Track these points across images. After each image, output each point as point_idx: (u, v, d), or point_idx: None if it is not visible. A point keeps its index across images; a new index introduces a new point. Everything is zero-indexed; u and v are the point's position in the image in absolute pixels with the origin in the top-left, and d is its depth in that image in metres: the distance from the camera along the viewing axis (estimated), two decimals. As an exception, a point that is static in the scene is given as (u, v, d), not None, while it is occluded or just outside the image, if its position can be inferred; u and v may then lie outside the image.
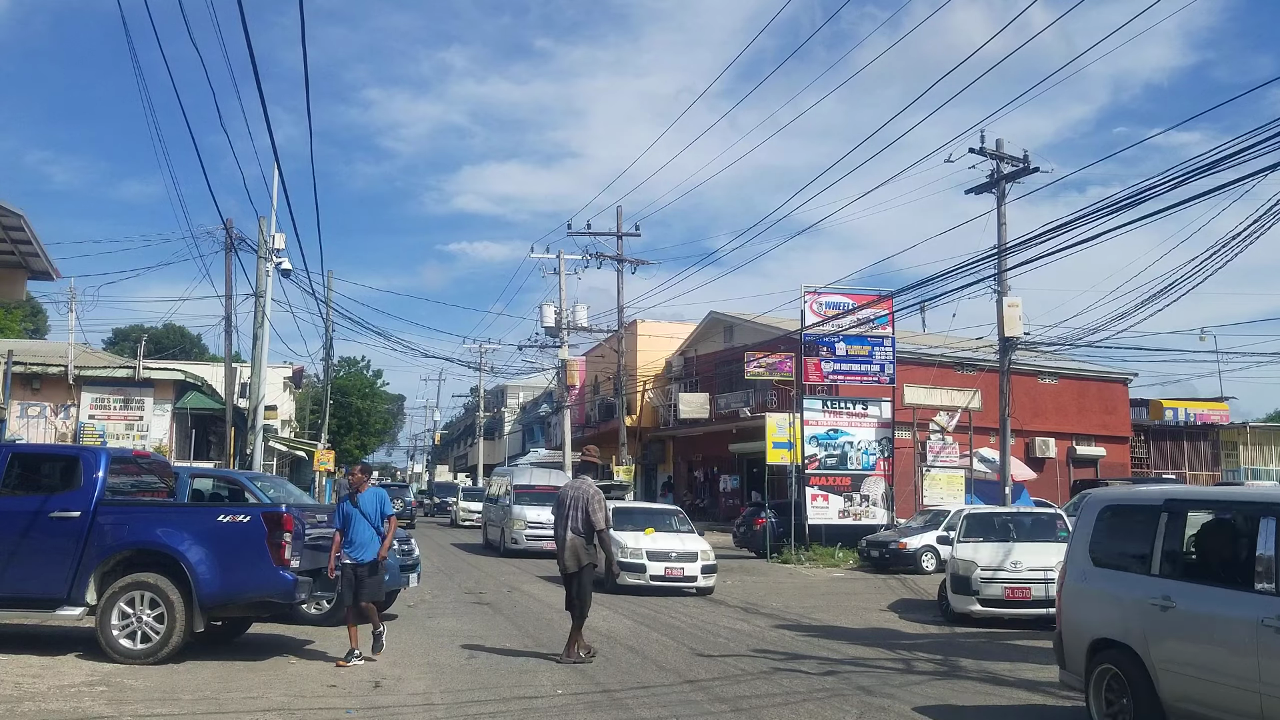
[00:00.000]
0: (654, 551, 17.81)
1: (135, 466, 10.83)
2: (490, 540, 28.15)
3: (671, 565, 17.71)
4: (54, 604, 9.28)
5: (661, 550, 17.87)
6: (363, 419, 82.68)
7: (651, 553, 17.77)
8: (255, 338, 25.37)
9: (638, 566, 17.56)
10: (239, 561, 9.25)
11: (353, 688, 8.59)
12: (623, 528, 18.27)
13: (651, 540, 18.09)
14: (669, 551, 17.89)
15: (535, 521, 24.34)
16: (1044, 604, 13.29)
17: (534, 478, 28.52)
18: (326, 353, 43.30)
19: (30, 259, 16.63)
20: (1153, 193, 13.92)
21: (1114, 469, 39.06)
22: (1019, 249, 18.98)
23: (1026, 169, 23.69)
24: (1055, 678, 9.88)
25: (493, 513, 28.27)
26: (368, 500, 10.19)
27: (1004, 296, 23.39)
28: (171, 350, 49.49)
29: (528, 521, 24.92)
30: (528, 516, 25.00)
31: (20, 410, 28.94)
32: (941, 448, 28.29)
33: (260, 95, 10.16)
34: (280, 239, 24.83)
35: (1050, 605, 12.00)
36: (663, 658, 10.65)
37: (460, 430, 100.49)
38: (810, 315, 27.90)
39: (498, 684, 8.95)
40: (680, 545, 18.18)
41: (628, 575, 17.16)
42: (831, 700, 8.60)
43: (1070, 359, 38.99)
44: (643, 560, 17.66)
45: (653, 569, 17.54)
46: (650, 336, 44.46)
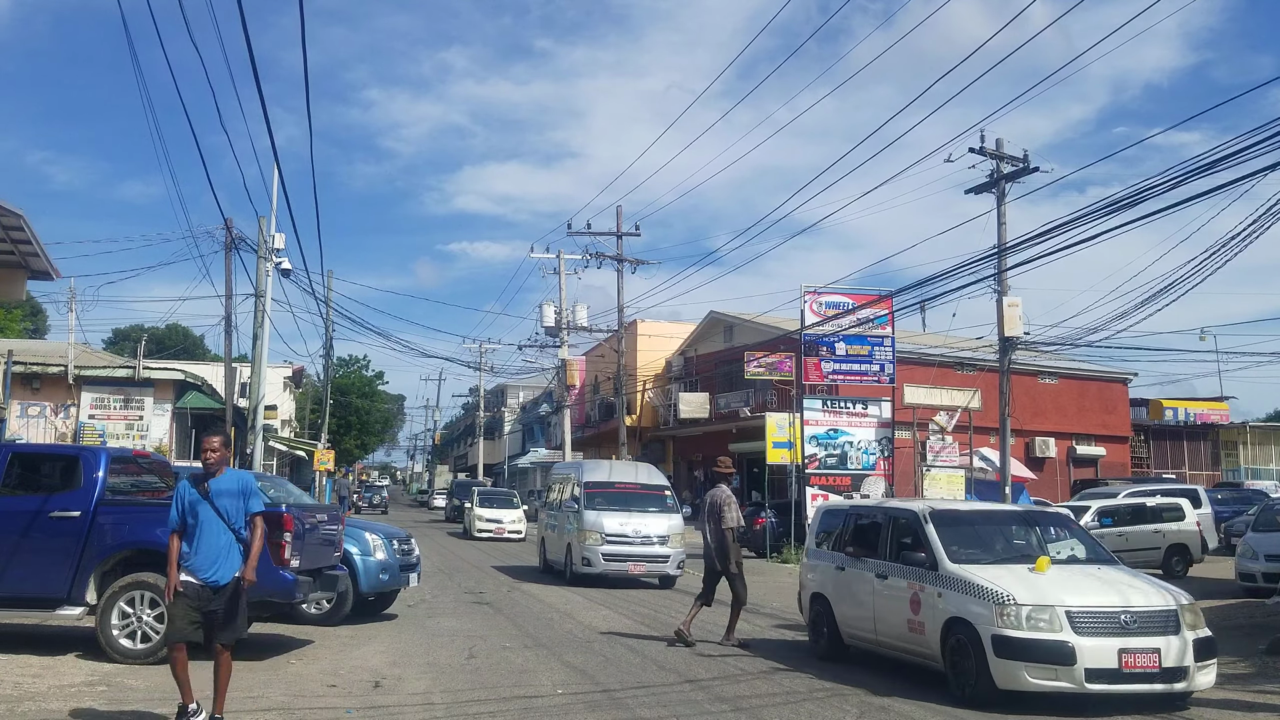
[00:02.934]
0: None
1: (135, 466, 10.82)
2: (550, 561, 20.87)
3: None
4: (54, 604, 9.28)
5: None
6: (362, 419, 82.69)
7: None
8: (255, 337, 25.39)
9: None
10: (239, 561, 9.22)
11: (352, 688, 8.59)
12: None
13: None
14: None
15: (619, 535, 18.42)
16: None
17: (614, 472, 20.98)
18: (326, 352, 43.37)
19: (30, 259, 16.63)
20: (1152, 192, 13.94)
21: (1114, 469, 39.09)
22: (1019, 249, 19.01)
23: (1026, 169, 23.71)
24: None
25: (553, 522, 21.07)
26: (225, 488, 6.93)
27: (1004, 296, 23.41)
28: (173, 350, 49.50)
29: (606, 535, 18.36)
30: (606, 527, 18.43)
31: (20, 410, 28.95)
32: (941, 447, 28.27)
33: (260, 96, 10.18)
34: (280, 239, 24.86)
35: None
36: (663, 657, 10.65)
37: (460, 430, 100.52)
38: (810, 315, 27.91)
39: (498, 683, 8.95)
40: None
41: None
42: (831, 700, 8.60)
43: (1070, 359, 39.04)
44: None
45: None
46: (650, 336, 44.50)
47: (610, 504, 18.98)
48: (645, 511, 18.96)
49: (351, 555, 12.41)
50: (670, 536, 18.73)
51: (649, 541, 18.54)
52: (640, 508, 19.06)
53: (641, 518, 18.72)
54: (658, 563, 18.64)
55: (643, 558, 18.51)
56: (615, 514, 18.65)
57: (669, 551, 18.63)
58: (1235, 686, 9.57)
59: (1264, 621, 13.56)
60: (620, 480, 20.10)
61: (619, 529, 18.42)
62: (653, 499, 19.56)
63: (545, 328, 40.72)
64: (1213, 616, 14.62)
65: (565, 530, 19.69)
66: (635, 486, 19.87)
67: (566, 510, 19.86)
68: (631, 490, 19.68)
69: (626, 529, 18.45)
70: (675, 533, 18.87)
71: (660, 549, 18.57)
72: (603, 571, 18.33)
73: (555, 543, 20.54)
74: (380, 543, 13.06)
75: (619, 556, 18.33)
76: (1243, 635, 12.74)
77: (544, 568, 21.32)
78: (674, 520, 19.08)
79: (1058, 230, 15.90)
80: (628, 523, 18.52)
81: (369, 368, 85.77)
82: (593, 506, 18.89)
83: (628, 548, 18.39)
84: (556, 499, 21.43)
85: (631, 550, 18.42)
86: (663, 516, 19.02)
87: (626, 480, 20.16)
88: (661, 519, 18.92)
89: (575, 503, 19.30)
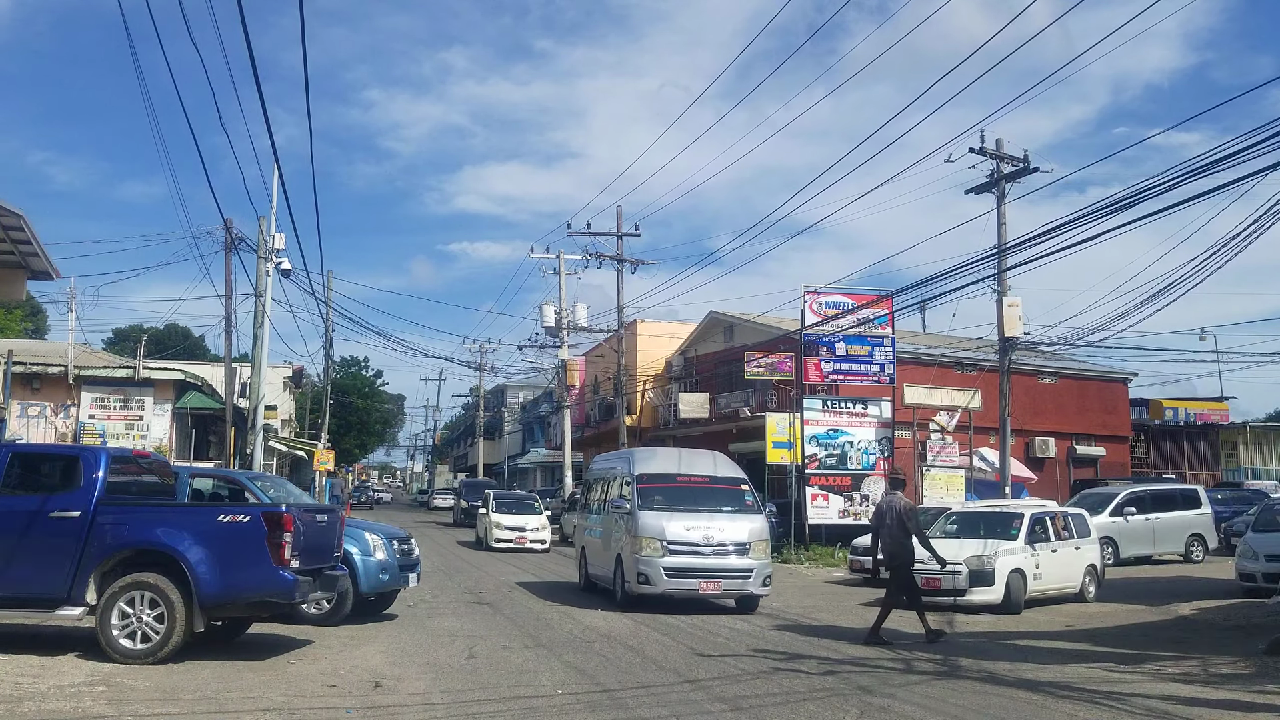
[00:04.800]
0: None
1: (135, 466, 10.82)
2: (594, 576, 17.12)
3: None
4: (54, 604, 9.28)
5: None
6: (363, 419, 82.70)
7: None
8: (255, 337, 25.37)
9: None
10: (239, 561, 9.25)
11: (352, 687, 8.59)
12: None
13: None
14: None
15: (685, 543, 14.57)
16: (951, 593, 15.21)
17: (675, 462, 16.73)
18: (326, 352, 43.37)
19: (30, 259, 16.64)
20: (1152, 193, 13.94)
21: (1114, 469, 39.05)
22: (1019, 249, 19.01)
23: (1026, 169, 23.72)
24: (1055, 677, 9.93)
25: (595, 528, 17.28)
26: None
27: (1004, 296, 23.42)
28: (173, 350, 49.50)
29: (669, 543, 14.48)
30: (669, 533, 14.54)
31: (20, 410, 28.96)
32: (941, 447, 28.29)
33: (260, 96, 10.17)
34: (280, 239, 24.85)
35: (959, 594, 15.21)
36: (663, 657, 10.65)
37: (460, 430, 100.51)
38: (810, 315, 27.92)
39: (497, 684, 8.95)
40: None
41: None
42: (831, 700, 8.60)
43: (1070, 359, 39.01)
44: None
45: None
46: (650, 336, 44.46)
47: (672, 503, 15.20)
48: (718, 512, 15.14)
49: (351, 555, 12.43)
50: (753, 544, 14.88)
51: (725, 551, 14.69)
52: (712, 507, 15.24)
53: (714, 520, 14.88)
54: (737, 579, 14.72)
55: (718, 573, 14.59)
56: (680, 516, 14.78)
57: (752, 564, 14.76)
58: (1235, 686, 9.57)
59: (1264, 621, 13.56)
60: (685, 473, 16.07)
61: (685, 535, 14.53)
62: (728, 495, 15.70)
63: (545, 328, 40.72)
64: (1213, 616, 14.72)
65: (613, 538, 15.77)
66: (704, 480, 15.93)
67: (614, 513, 15.85)
68: (699, 485, 15.77)
69: (695, 535, 14.57)
70: (759, 539, 15.04)
71: (741, 560, 14.71)
72: (666, 591, 14.41)
73: (600, 555, 16.62)
74: (380, 543, 13.06)
75: (687, 571, 14.41)
76: (1243, 635, 12.75)
77: (585, 585, 17.55)
78: (756, 523, 15.25)
79: (1058, 230, 15.91)
80: (696, 527, 14.65)
81: (369, 368, 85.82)
82: (649, 506, 15.00)
83: (698, 559, 14.48)
84: (599, 498, 17.54)
85: (703, 563, 14.49)
86: (742, 518, 15.17)
87: (693, 472, 16.12)
88: (741, 521, 15.06)
89: (625, 502, 15.36)
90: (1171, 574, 21.50)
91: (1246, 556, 17.13)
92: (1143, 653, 11.77)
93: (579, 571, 18.18)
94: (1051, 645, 12.48)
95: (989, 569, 15.30)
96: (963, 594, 15.35)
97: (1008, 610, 15.26)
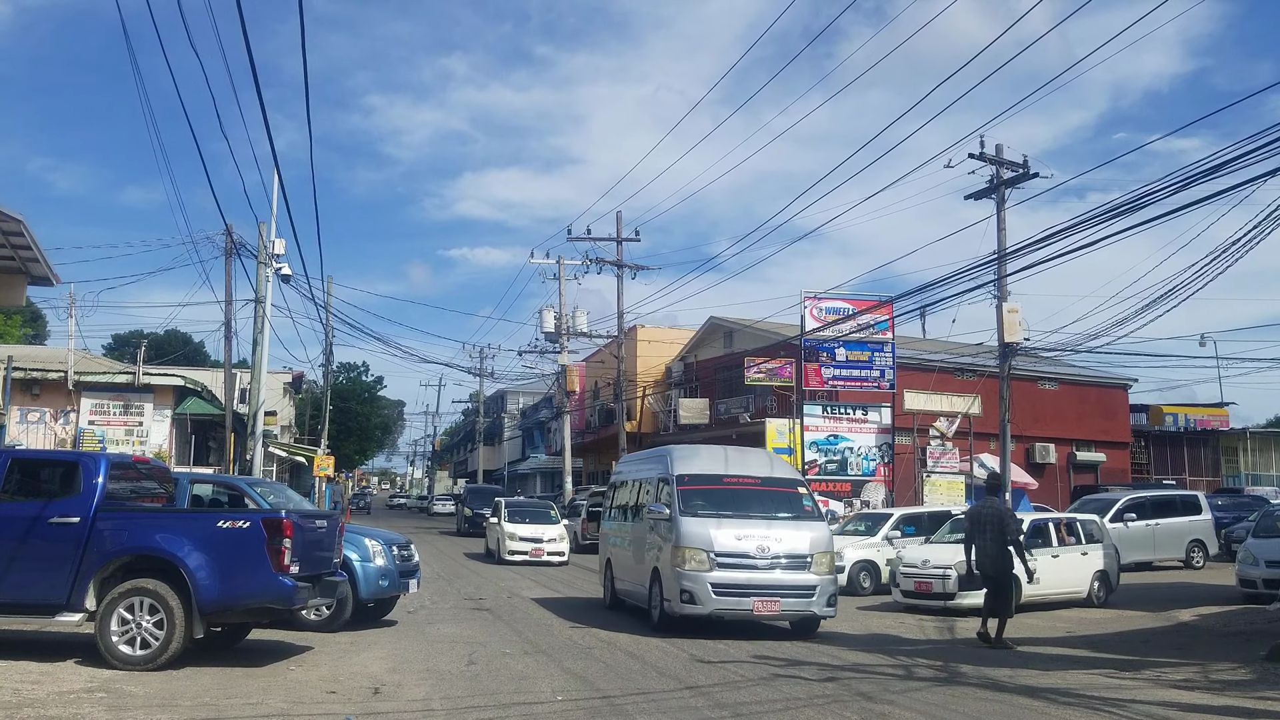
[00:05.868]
0: None
1: (135, 472, 10.80)
2: (622, 592, 15.28)
3: None
4: (53, 610, 9.26)
5: None
6: (362, 425, 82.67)
7: None
8: (255, 343, 25.38)
9: None
10: (239, 567, 9.23)
11: (352, 694, 8.57)
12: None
13: None
14: None
15: (736, 554, 12.57)
16: (941, 596, 15.83)
17: (720, 461, 14.53)
18: (326, 358, 43.36)
19: (30, 264, 16.66)
20: (1152, 198, 13.99)
21: (1114, 475, 39.05)
22: (1019, 254, 19.06)
23: (1026, 174, 23.74)
24: (1055, 683, 9.92)
25: (624, 536, 15.40)
26: None
27: (1004, 302, 23.43)
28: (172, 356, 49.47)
29: (717, 555, 12.50)
30: (718, 543, 12.58)
31: (20, 415, 28.94)
32: (942, 453, 28.31)
33: (260, 102, 10.19)
34: (280, 244, 24.85)
35: (949, 598, 15.60)
36: (663, 663, 10.63)
37: (460, 436, 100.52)
38: (810, 320, 27.98)
39: (497, 690, 8.94)
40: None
41: None
42: (831, 706, 8.58)
43: (1070, 364, 39.03)
44: None
45: None
46: (650, 342, 44.52)
47: (719, 508, 13.15)
48: (773, 519, 13.20)
49: (351, 561, 12.40)
50: (815, 557, 12.84)
51: (783, 564, 12.67)
52: (766, 513, 13.29)
53: (769, 528, 12.90)
54: (798, 597, 12.67)
55: (776, 590, 12.54)
56: (729, 523, 12.81)
57: (815, 579, 12.74)
58: (1236, 693, 9.56)
59: (1265, 628, 13.55)
60: (733, 473, 14.04)
61: (736, 546, 12.55)
62: (784, 499, 13.73)
63: (545, 333, 40.75)
64: (1214, 622, 14.69)
65: (647, 548, 13.87)
66: (755, 481, 13.93)
67: (649, 519, 13.82)
68: (750, 487, 13.77)
69: (748, 545, 12.58)
70: (822, 551, 12.98)
71: (802, 576, 12.70)
72: (714, 612, 12.42)
73: (630, 568, 14.81)
74: (380, 549, 13.04)
75: (739, 589, 12.40)
76: (1243, 641, 12.73)
77: (610, 603, 15.72)
78: (818, 531, 13.20)
79: (1058, 236, 15.97)
80: (749, 536, 12.66)
81: (369, 373, 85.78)
82: (693, 512, 12.99)
83: (752, 574, 12.49)
84: (628, 502, 15.65)
85: (758, 579, 12.49)
86: (802, 526, 13.18)
87: (742, 473, 14.10)
88: (801, 530, 13.07)
89: (664, 507, 13.35)
90: (1172, 580, 21.48)
91: (1247, 563, 17.12)
92: (1144, 659, 11.76)
93: (604, 587, 16.23)
94: (1052, 651, 12.46)
95: None
96: (952, 598, 15.69)
97: None
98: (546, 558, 25.63)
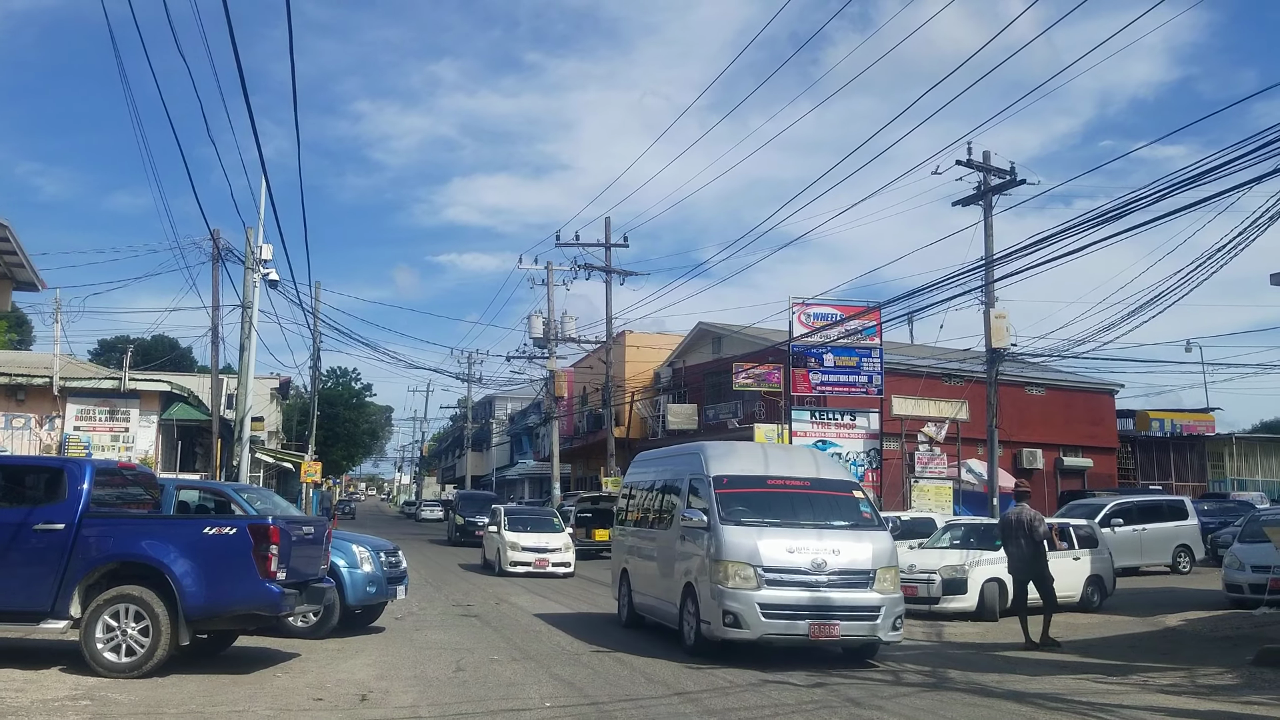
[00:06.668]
0: None
1: (121, 478, 10.73)
2: (642, 608, 13.60)
3: None
4: (37, 617, 9.19)
5: None
6: (350, 430, 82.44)
7: None
8: (242, 349, 25.29)
9: None
10: (225, 574, 9.18)
11: (339, 701, 8.53)
12: None
13: None
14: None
15: (788, 570, 10.84)
16: (926, 600, 15.87)
17: (761, 460, 12.81)
18: (314, 364, 43.22)
19: (15, 269, 16.59)
20: (1138, 205, 14.06)
21: (1101, 480, 39.21)
22: (1006, 260, 19.13)
23: (1013, 181, 23.84)
24: (1044, 688, 9.94)
25: (649, 546, 13.46)
26: None
27: (991, 308, 23.50)
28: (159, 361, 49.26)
29: (766, 570, 10.78)
30: (766, 556, 10.84)
31: (4, 421, 28.71)
32: (930, 459, 28.38)
33: (248, 108, 10.16)
34: (268, 250, 24.79)
35: (933, 602, 15.44)
36: (651, 669, 10.60)
37: (448, 442, 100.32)
38: (798, 326, 28.03)
39: (485, 696, 8.90)
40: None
41: None
42: (819, 712, 8.58)
43: (1057, 370, 39.18)
44: None
45: None
46: (639, 348, 44.52)
47: (764, 514, 11.50)
48: (828, 528, 11.40)
49: (338, 567, 12.36)
50: (878, 572, 11.08)
51: (843, 581, 10.96)
52: (819, 520, 11.53)
53: (825, 538, 11.13)
54: (861, 619, 10.93)
55: (835, 611, 10.84)
56: (778, 533, 11.12)
57: (879, 599, 10.99)
58: (1223, 698, 9.59)
59: (1251, 632, 13.59)
60: (777, 474, 12.25)
61: (789, 560, 10.85)
62: (839, 505, 11.99)
63: (534, 339, 40.69)
64: (1201, 627, 14.74)
65: (677, 560, 12.18)
66: (803, 484, 12.16)
67: (680, 526, 12.06)
68: (799, 490, 12.05)
69: (802, 559, 10.86)
70: (885, 565, 11.21)
71: (863, 595, 10.98)
72: (764, 637, 10.73)
73: (652, 581, 13.14)
74: (368, 555, 13.00)
75: (792, 610, 10.72)
76: (1230, 646, 12.78)
77: (628, 620, 14.02)
78: (881, 543, 11.42)
79: (1045, 242, 16.04)
80: (803, 548, 10.94)
81: (358, 379, 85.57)
82: (735, 519, 11.30)
83: (807, 593, 10.80)
84: (651, 506, 13.97)
85: (814, 598, 10.80)
86: (862, 536, 11.40)
87: (789, 474, 12.30)
88: (861, 541, 11.30)
89: (700, 513, 11.55)
90: (1159, 585, 21.56)
91: (1234, 567, 17.18)
92: (1131, 663, 11.79)
93: (618, 602, 14.60)
94: (1040, 656, 12.49)
95: (961, 578, 15.95)
96: (936, 601, 15.88)
97: (982, 618, 15.78)
98: (552, 569, 24.03)
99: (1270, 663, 11.08)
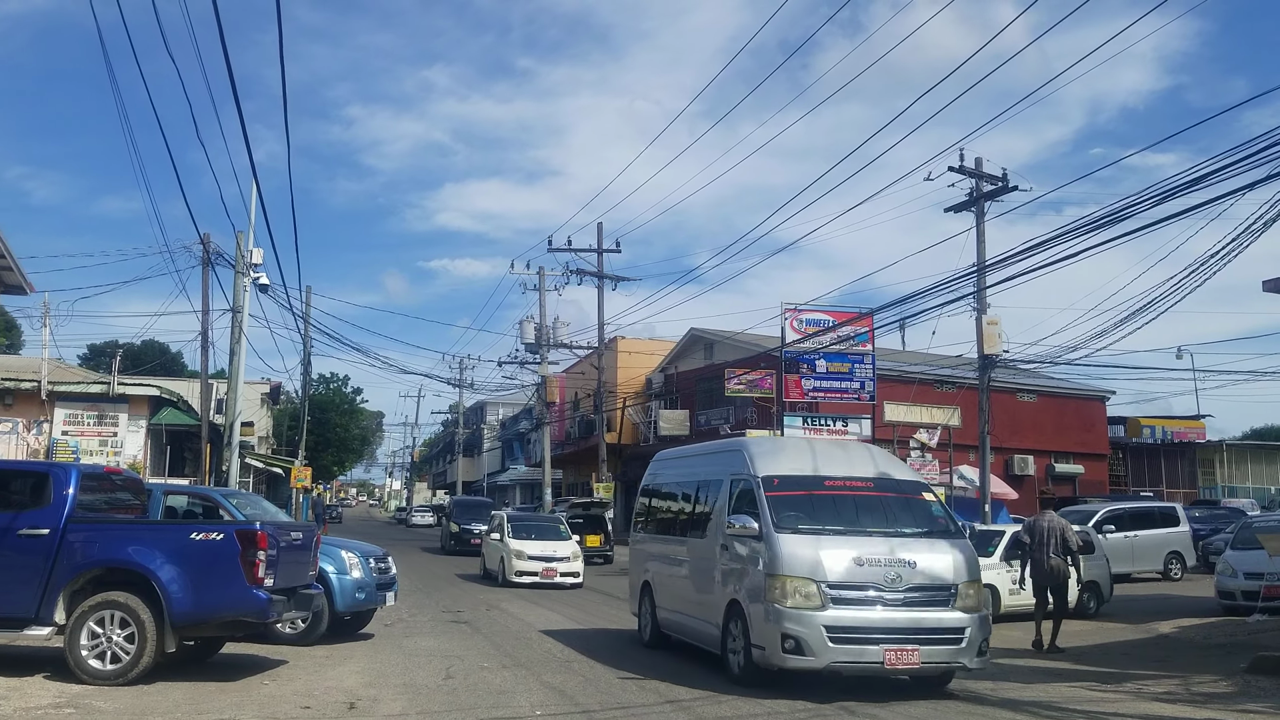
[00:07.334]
0: None
1: (108, 483, 10.63)
2: (668, 624, 12.25)
3: None
4: (21, 624, 9.08)
5: None
6: (341, 436, 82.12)
7: None
8: (232, 353, 25.14)
9: None
10: (212, 580, 9.07)
11: (327, 709, 8.43)
12: None
13: None
14: None
15: (854, 585, 9.30)
16: None
17: (802, 459, 11.03)
18: (304, 369, 43.04)
19: (4, 273, 16.48)
20: (1130, 212, 14.02)
21: (1092, 486, 39.25)
22: (998, 267, 19.08)
23: (1005, 187, 23.85)
24: (1038, 696, 9.88)
25: (680, 555, 11.95)
26: None
27: (983, 314, 23.48)
28: (148, 366, 49.04)
29: (830, 586, 9.23)
30: (829, 570, 9.29)
31: (-8, 426, 28.54)
32: (922, 465, 28.32)
33: (239, 113, 10.08)
34: (258, 254, 24.66)
35: None
36: (644, 678, 10.51)
37: (440, 447, 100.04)
38: (790, 332, 28.01)
39: (475, 704, 8.81)
40: None
41: None
42: (814, 719, 8.51)
43: (1049, 377, 39.24)
44: None
45: None
46: (631, 353, 44.45)
47: (823, 520, 9.98)
48: (898, 535, 9.94)
49: (327, 574, 12.27)
50: (960, 588, 9.57)
51: (921, 598, 9.47)
52: (888, 527, 10.06)
53: (894, 548, 9.63)
54: (944, 643, 9.41)
55: (913, 634, 9.32)
56: (842, 541, 9.61)
57: (964, 619, 9.50)
58: (1218, 705, 9.54)
59: (1245, 640, 13.57)
60: (834, 474, 10.61)
61: (858, 575, 9.32)
62: (908, 509, 10.52)
63: (525, 344, 40.61)
64: (1194, 634, 14.72)
65: (718, 573, 10.65)
66: (864, 485, 10.59)
67: (723, 534, 10.47)
68: (861, 492, 10.48)
69: (873, 573, 9.34)
70: (968, 580, 9.69)
71: (946, 615, 9.48)
72: (830, 665, 9.25)
73: (683, 596, 11.73)
74: (357, 561, 12.92)
75: (863, 632, 9.21)
76: (1224, 653, 12.75)
77: (651, 640, 12.65)
78: (963, 553, 9.90)
79: (1037, 248, 15.98)
80: (873, 559, 9.41)
81: (348, 385, 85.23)
82: (790, 526, 9.78)
83: (880, 612, 9.31)
84: (680, 510, 12.59)
85: (889, 618, 9.31)
86: (939, 545, 9.94)
87: (848, 474, 10.69)
88: (938, 551, 9.83)
89: (748, 519, 9.94)
90: (1151, 592, 21.55)
91: (1226, 574, 17.19)
92: (1125, 671, 11.76)
93: (639, 618, 13.20)
94: (1034, 664, 12.45)
95: None
96: None
97: None
98: (559, 579, 22.54)
99: (1264, 670, 11.05)
